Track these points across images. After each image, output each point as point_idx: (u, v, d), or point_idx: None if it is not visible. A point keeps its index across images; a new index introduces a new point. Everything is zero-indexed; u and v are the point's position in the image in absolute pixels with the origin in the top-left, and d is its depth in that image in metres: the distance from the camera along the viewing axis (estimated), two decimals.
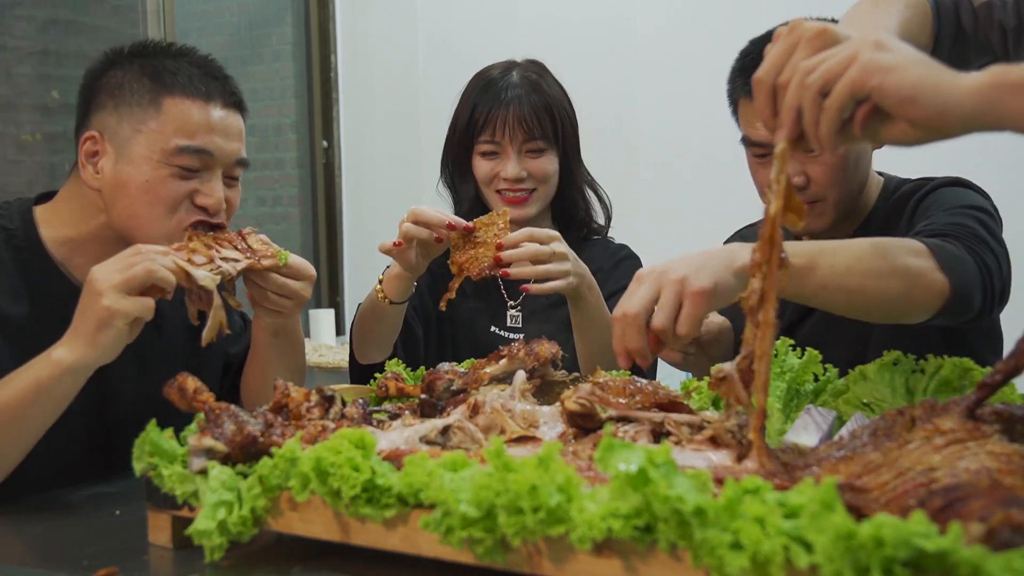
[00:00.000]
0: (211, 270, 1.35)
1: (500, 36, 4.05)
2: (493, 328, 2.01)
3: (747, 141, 1.71)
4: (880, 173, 1.79)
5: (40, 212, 1.50)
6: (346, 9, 4.69)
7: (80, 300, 1.27)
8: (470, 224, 1.59)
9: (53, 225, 1.49)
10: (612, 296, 1.96)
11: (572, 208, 2.05)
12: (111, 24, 3.98)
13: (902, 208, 1.68)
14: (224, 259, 1.39)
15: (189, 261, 1.33)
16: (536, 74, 1.98)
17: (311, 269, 1.47)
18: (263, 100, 4.83)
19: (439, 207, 1.69)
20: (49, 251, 1.48)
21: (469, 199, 2.01)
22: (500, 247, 1.56)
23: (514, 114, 1.91)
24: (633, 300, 1.17)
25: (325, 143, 4.80)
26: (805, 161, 1.66)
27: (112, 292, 1.23)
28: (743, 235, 2.05)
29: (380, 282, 1.73)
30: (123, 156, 1.42)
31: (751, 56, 1.69)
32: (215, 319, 1.35)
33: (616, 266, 2.04)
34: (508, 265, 1.56)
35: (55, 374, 1.25)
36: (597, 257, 2.05)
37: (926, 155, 1.13)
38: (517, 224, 1.94)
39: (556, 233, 1.61)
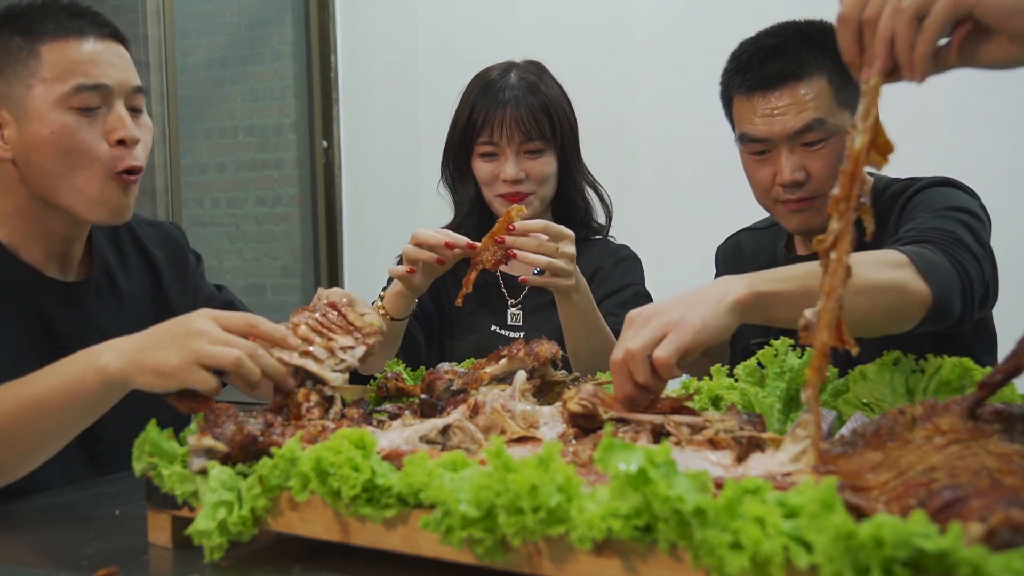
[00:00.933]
0: (336, 364, 1.22)
1: (500, 36, 4.04)
2: (494, 327, 2.01)
3: (745, 138, 1.71)
4: (869, 173, 1.79)
5: None
6: (346, 9, 4.68)
7: (164, 326, 1.19)
8: (473, 243, 1.59)
9: None
10: (612, 295, 1.96)
11: (572, 208, 2.05)
12: None
13: (891, 208, 1.68)
14: (342, 348, 1.24)
15: (309, 355, 1.20)
16: (534, 75, 1.98)
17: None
18: (263, 100, 4.83)
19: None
20: None
21: (469, 200, 2.01)
22: (511, 231, 1.56)
23: (511, 115, 1.91)
24: (619, 347, 1.14)
25: (325, 143, 4.80)
26: (806, 156, 1.66)
27: (193, 361, 1.13)
28: (737, 239, 2.05)
29: (381, 299, 1.73)
30: (23, 117, 1.43)
31: (745, 55, 1.70)
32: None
33: (616, 265, 2.04)
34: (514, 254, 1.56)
35: (97, 380, 1.18)
36: (597, 257, 2.05)
37: (917, 155, 1.12)
38: None
39: (570, 233, 1.61)
